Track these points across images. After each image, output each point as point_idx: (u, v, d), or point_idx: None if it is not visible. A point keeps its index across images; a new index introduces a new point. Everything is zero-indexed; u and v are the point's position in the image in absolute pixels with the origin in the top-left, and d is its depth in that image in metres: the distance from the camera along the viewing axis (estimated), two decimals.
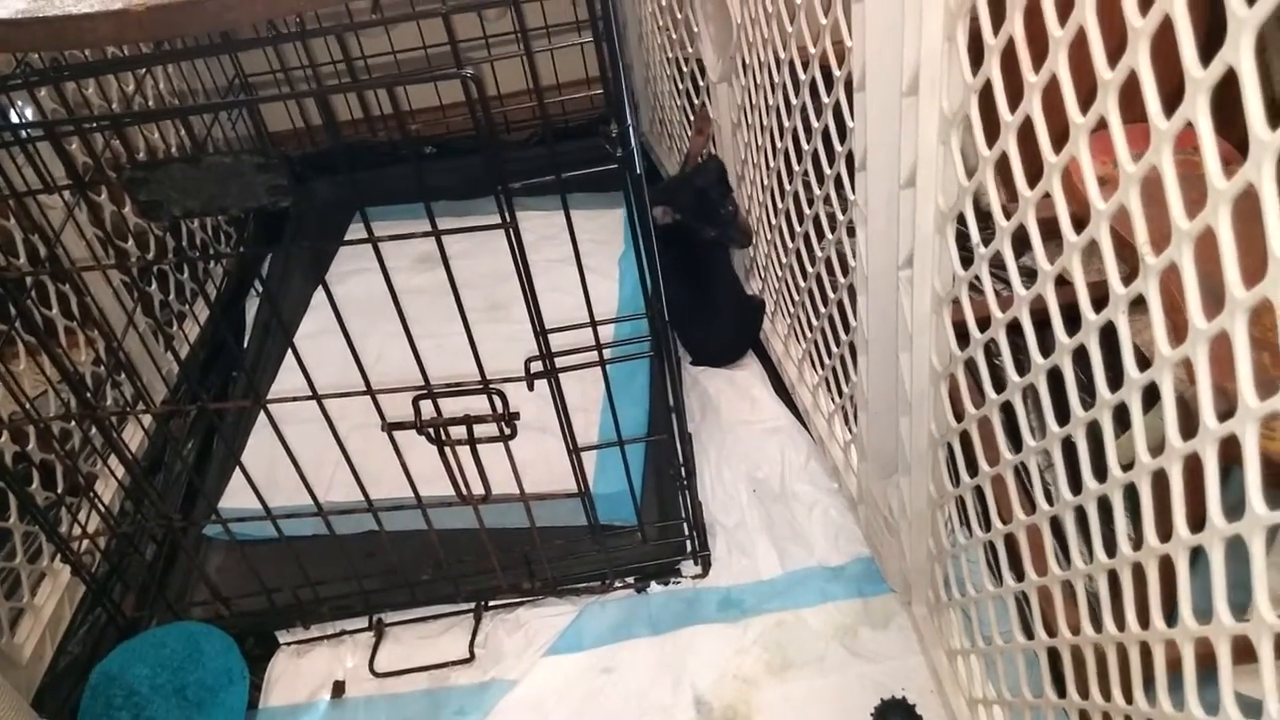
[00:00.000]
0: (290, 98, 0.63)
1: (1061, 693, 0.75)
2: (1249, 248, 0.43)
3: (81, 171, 0.99)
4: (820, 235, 1.07)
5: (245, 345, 1.52)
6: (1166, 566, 0.56)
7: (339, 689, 1.08)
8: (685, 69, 1.42)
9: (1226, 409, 0.47)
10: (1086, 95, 0.52)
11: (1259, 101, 0.40)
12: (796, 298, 1.22)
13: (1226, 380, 0.47)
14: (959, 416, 0.81)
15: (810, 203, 1.06)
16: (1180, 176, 0.47)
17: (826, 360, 1.15)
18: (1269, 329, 0.71)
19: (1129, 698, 0.63)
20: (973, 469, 0.81)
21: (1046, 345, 0.64)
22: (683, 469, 1.07)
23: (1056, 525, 0.71)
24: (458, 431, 0.92)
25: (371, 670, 1.09)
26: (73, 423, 1.17)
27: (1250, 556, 0.46)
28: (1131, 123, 0.50)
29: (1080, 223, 0.56)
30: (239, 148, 1.43)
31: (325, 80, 1.46)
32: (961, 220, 0.73)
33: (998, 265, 0.67)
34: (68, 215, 1.10)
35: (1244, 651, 0.49)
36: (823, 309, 1.11)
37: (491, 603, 1.13)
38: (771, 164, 1.15)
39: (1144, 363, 0.54)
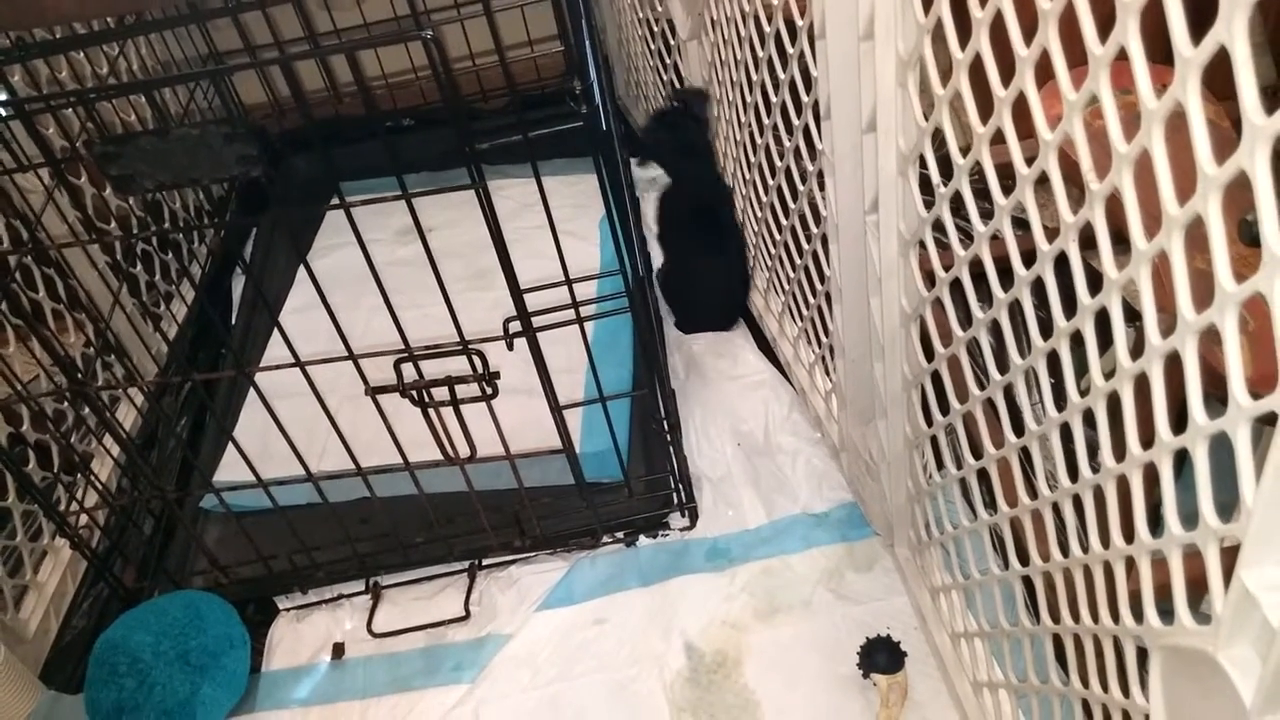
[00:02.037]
0: (253, 66, 0.64)
1: (1036, 619, 0.77)
2: (1188, 174, 0.45)
3: (59, 154, 1.00)
4: (793, 187, 1.08)
5: (233, 323, 1.53)
6: (1125, 488, 0.58)
7: (339, 650, 1.10)
8: (656, 28, 1.42)
9: (1170, 327, 0.49)
10: (1031, 28, 0.53)
11: (1183, 20, 0.41)
12: (773, 251, 1.23)
13: (1168, 301, 0.48)
14: (929, 357, 0.83)
15: (781, 155, 1.07)
16: (1125, 120, 0.48)
17: (804, 311, 1.17)
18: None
19: (1095, 617, 0.65)
20: (944, 407, 0.83)
21: (1009, 284, 0.65)
22: (665, 422, 1.09)
23: (1027, 457, 0.72)
24: (441, 393, 0.94)
25: (370, 631, 1.11)
26: (65, 403, 1.18)
27: (1194, 466, 0.48)
28: (1077, 67, 0.51)
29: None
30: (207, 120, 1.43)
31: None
32: (924, 164, 0.74)
33: (963, 210, 0.69)
34: (47, 198, 1.11)
35: (1198, 583, 0.51)
36: (799, 260, 1.13)
37: (485, 562, 1.15)
38: (743, 119, 1.16)
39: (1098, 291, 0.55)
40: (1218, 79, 0.42)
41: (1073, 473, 0.65)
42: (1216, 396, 0.49)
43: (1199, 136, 0.41)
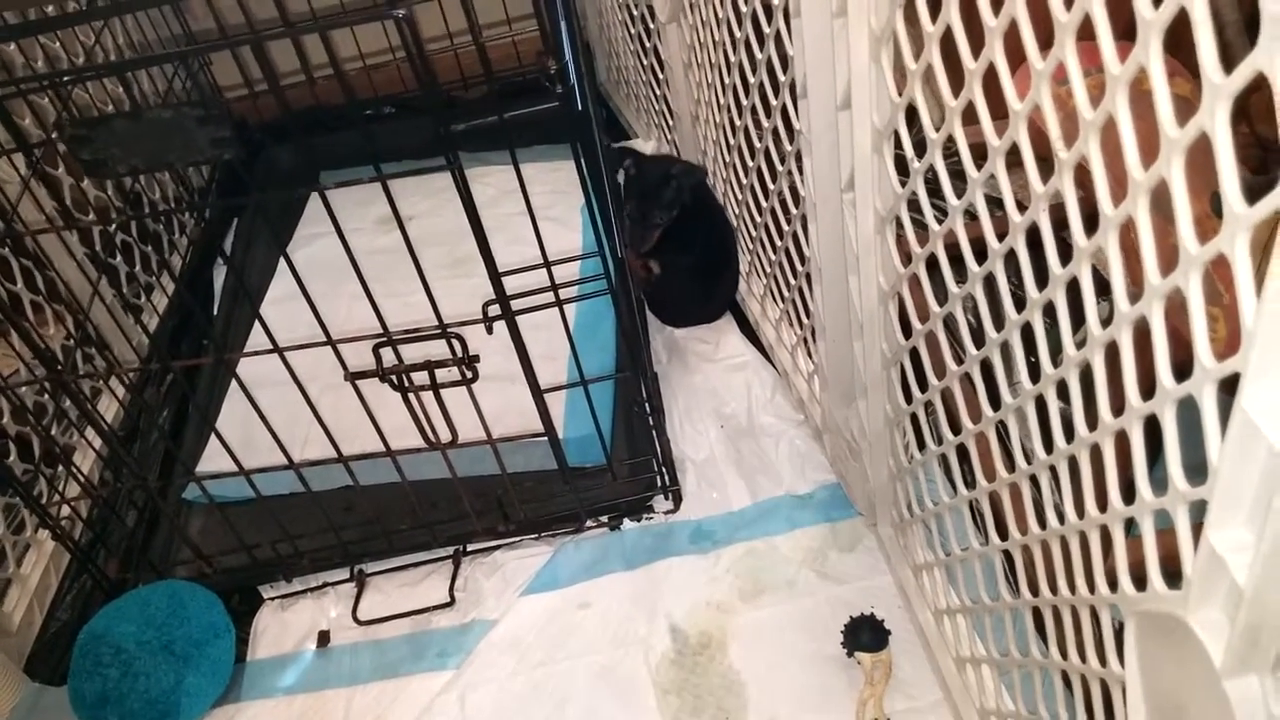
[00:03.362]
0: (225, 46, 0.63)
1: (1016, 593, 0.78)
2: (1155, 145, 0.45)
3: (34, 143, 0.99)
4: (772, 169, 1.08)
5: (215, 314, 1.52)
6: (1099, 458, 0.58)
7: (324, 638, 1.10)
8: (636, 12, 1.42)
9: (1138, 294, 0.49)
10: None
11: None
12: (754, 233, 1.23)
13: (1138, 274, 0.48)
14: (908, 334, 0.83)
15: (760, 137, 1.07)
16: (1095, 99, 0.48)
17: (786, 293, 1.17)
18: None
19: (1073, 587, 0.65)
20: (923, 384, 0.83)
21: (985, 260, 0.65)
22: (648, 404, 1.09)
23: (1005, 432, 0.73)
24: (421, 378, 0.93)
25: (355, 619, 1.11)
26: (45, 395, 1.18)
27: (1163, 431, 0.48)
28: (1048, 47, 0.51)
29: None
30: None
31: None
32: (900, 146, 0.74)
33: (938, 192, 0.69)
34: (23, 189, 1.10)
35: (1172, 558, 0.51)
36: (779, 242, 1.13)
37: (469, 547, 1.15)
38: (722, 101, 1.16)
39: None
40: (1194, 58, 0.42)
41: (1048, 445, 0.65)
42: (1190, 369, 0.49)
43: (1161, 98, 0.41)
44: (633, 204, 1.31)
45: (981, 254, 0.66)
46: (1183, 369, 0.47)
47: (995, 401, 0.71)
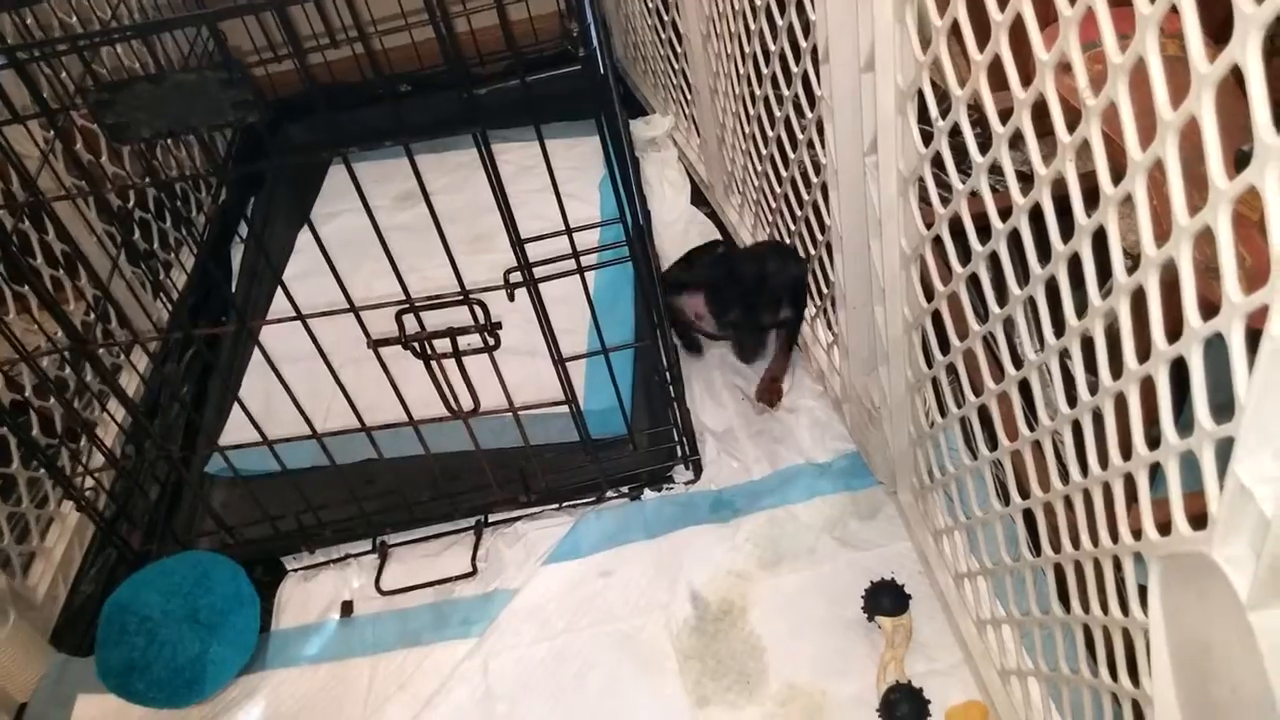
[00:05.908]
0: (249, 11, 0.64)
1: (1037, 551, 0.78)
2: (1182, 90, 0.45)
3: (55, 115, 1.00)
4: (792, 138, 1.08)
5: (234, 290, 1.53)
6: (1124, 409, 0.58)
7: (347, 608, 1.11)
8: None
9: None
10: None
11: None
12: (773, 204, 1.23)
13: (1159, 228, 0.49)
14: (929, 297, 0.83)
15: (780, 104, 1.07)
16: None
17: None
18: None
19: (1095, 540, 0.66)
20: (945, 347, 0.83)
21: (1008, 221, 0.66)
22: (668, 373, 1.09)
23: (1026, 392, 0.73)
24: (443, 346, 0.94)
25: (378, 589, 1.12)
26: (67, 368, 1.19)
27: (1189, 370, 0.48)
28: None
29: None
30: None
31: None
32: (926, 120, 0.74)
33: (960, 164, 0.69)
34: (43, 162, 1.11)
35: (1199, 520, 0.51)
36: (799, 212, 1.13)
37: (491, 518, 1.16)
38: (741, 71, 1.16)
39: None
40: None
41: (1072, 400, 0.65)
42: None
43: (1191, 32, 0.41)
44: (737, 312, 1.18)
45: (1004, 215, 0.66)
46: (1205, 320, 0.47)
47: (1017, 362, 0.72)
